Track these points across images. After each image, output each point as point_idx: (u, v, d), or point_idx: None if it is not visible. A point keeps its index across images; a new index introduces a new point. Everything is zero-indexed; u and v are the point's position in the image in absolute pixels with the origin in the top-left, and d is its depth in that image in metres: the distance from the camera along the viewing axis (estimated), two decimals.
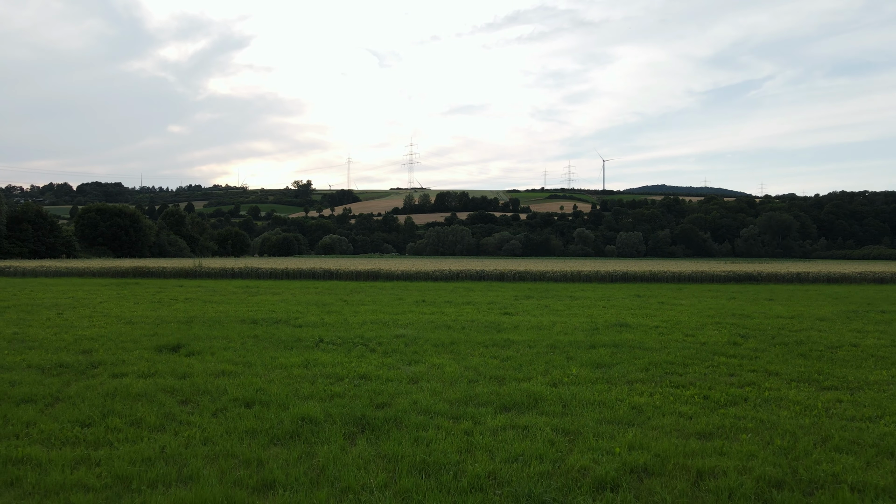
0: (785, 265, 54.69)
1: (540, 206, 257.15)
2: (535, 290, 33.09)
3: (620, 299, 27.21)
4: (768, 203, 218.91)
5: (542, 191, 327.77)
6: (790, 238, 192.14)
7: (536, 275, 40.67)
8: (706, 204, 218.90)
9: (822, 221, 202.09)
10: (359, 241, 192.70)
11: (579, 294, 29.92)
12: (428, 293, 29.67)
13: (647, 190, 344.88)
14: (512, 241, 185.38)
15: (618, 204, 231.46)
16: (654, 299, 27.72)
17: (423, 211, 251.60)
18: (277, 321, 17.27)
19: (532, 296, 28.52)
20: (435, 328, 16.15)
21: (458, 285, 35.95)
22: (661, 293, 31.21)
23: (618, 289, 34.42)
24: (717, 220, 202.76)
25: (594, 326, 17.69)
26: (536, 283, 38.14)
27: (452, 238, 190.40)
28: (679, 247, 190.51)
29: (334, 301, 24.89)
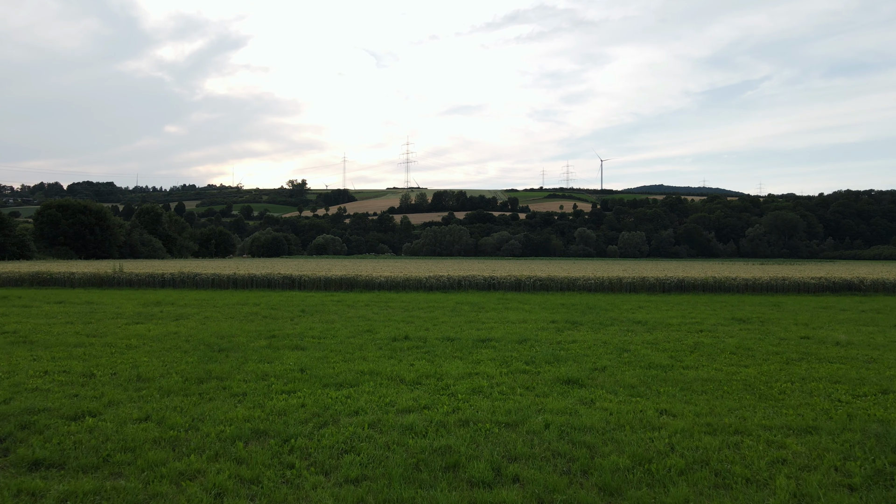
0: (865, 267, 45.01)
1: (539, 206, 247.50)
2: (573, 307, 23.43)
3: (736, 331, 17.19)
4: (772, 202, 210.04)
5: (540, 190, 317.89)
6: (797, 238, 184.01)
7: (563, 283, 30.77)
8: (709, 203, 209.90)
9: (827, 221, 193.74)
10: (353, 242, 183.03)
11: (649, 318, 20.11)
12: (417, 315, 20.03)
13: (646, 190, 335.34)
14: (511, 240, 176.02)
15: (619, 203, 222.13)
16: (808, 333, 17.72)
17: (419, 210, 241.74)
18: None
19: (578, 321, 19.00)
20: (411, 463, 6.97)
21: (460, 299, 26.06)
22: (790, 316, 21.36)
23: (697, 305, 24.47)
24: (721, 219, 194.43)
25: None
26: (566, 295, 28.20)
27: (450, 238, 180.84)
28: (683, 247, 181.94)
29: (242, 343, 14.93)
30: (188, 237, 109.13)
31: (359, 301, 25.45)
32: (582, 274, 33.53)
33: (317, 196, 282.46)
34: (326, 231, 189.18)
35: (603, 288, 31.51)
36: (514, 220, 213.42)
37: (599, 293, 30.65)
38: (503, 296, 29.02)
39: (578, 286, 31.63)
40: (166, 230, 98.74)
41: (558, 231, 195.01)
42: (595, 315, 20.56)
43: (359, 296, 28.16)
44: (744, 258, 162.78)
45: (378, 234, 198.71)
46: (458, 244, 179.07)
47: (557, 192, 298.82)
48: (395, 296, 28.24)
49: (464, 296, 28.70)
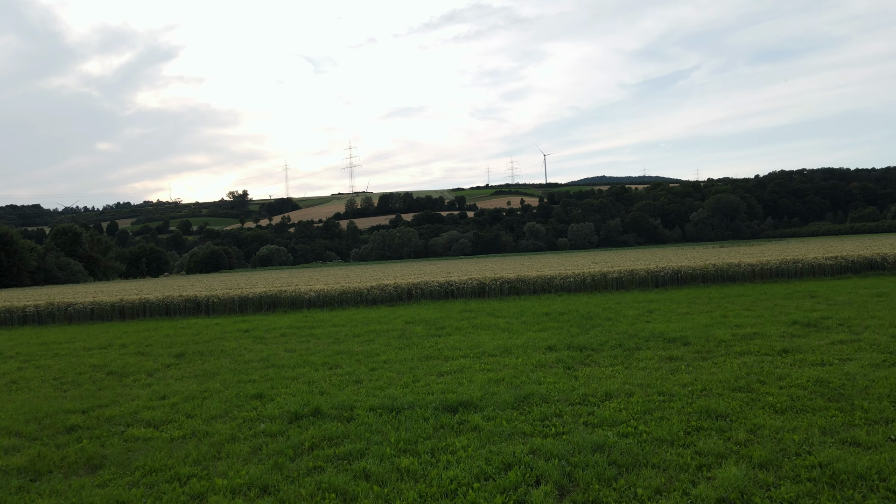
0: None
1: (486, 203, 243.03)
2: (564, 318, 17.64)
3: (826, 345, 11.32)
4: (713, 186, 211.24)
5: (486, 188, 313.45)
6: (738, 219, 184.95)
7: (537, 283, 24.80)
8: (653, 191, 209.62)
9: (765, 201, 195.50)
10: (299, 251, 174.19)
11: (677, 329, 14.52)
12: (348, 351, 13.96)
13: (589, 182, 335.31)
14: (461, 239, 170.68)
15: (565, 196, 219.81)
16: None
17: (366, 214, 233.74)
18: None
19: (586, 345, 13.35)
20: None
21: (411, 315, 19.81)
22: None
23: (722, 302, 18.91)
24: (665, 205, 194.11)
25: None
26: (544, 299, 22.18)
27: (399, 240, 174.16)
28: (631, 235, 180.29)
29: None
30: (113, 257, 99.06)
31: (276, 328, 18.71)
32: (557, 271, 27.56)
33: (260, 206, 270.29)
34: (270, 242, 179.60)
35: (585, 287, 25.60)
36: (463, 218, 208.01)
37: (583, 293, 24.72)
38: (466, 305, 22.74)
39: (555, 286, 25.62)
40: (87, 251, 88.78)
41: (507, 227, 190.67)
42: (603, 332, 14.44)
43: (280, 319, 21.41)
44: (689, 242, 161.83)
45: (324, 241, 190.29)
46: (407, 246, 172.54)
47: (504, 189, 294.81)
48: (327, 316, 21.60)
49: (416, 310, 22.28)
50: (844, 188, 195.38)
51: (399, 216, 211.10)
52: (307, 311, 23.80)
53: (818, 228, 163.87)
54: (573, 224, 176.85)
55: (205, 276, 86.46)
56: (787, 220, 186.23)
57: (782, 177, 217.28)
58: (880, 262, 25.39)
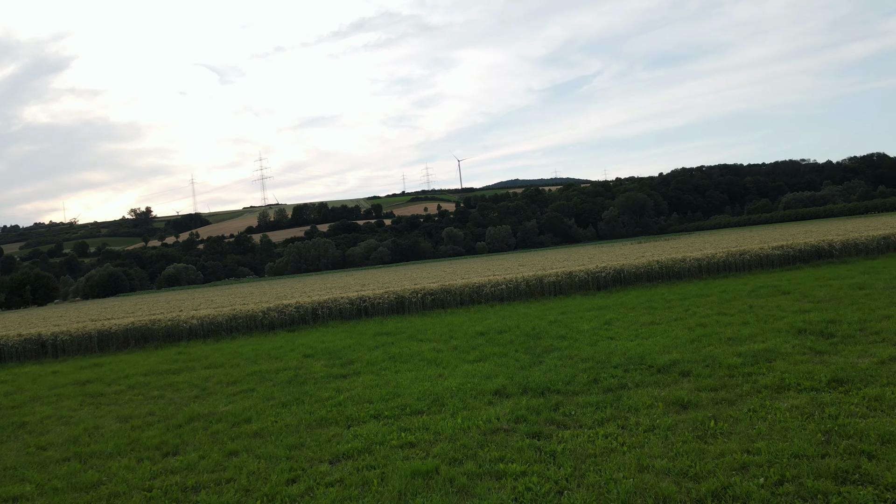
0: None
1: (403, 210, 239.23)
2: (504, 339, 14.04)
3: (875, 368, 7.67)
4: (621, 185, 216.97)
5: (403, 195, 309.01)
6: (647, 216, 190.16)
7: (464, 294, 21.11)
8: (566, 191, 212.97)
9: (670, 197, 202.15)
10: (209, 268, 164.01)
11: (659, 350, 10.88)
12: (208, 414, 9.18)
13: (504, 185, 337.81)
14: (380, 248, 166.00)
15: (481, 200, 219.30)
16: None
17: (280, 227, 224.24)
18: None
19: (547, 385, 9.39)
20: None
21: (313, 344, 15.73)
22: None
23: (680, 305, 15.67)
24: (578, 205, 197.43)
25: None
26: (474, 312, 18.42)
27: (315, 252, 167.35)
28: (548, 235, 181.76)
29: None
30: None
31: (129, 374, 13.88)
32: (486, 277, 23.89)
33: (166, 224, 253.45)
34: (178, 260, 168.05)
35: (519, 294, 22.04)
36: (381, 226, 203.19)
37: (517, 302, 21.13)
38: (382, 326, 18.60)
39: (486, 296, 21.91)
40: None
41: (426, 233, 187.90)
42: (561, 359, 10.71)
43: (144, 359, 16.51)
44: (603, 240, 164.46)
45: (237, 256, 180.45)
46: (324, 258, 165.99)
47: (420, 195, 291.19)
48: (205, 351, 16.87)
49: (321, 336, 17.92)
50: (740, 182, 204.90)
51: (314, 227, 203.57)
52: (185, 345, 18.92)
53: (719, 221, 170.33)
54: (491, 227, 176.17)
55: (98, 302, 77.75)
56: (691, 215, 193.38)
57: (684, 174, 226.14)
58: (828, 250, 23.35)
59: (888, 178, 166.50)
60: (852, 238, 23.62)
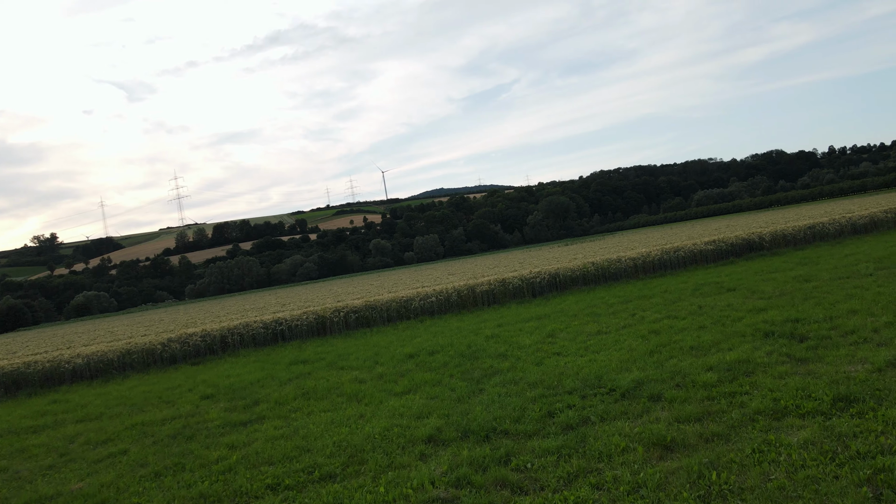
0: None
1: (329, 224, 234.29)
2: (435, 363, 12.35)
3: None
4: (544, 190, 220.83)
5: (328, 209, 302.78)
6: (570, 219, 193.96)
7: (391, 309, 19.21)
8: (490, 198, 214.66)
9: (591, 200, 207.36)
10: (123, 294, 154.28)
11: (616, 366, 9.32)
12: (62, 489, 6.46)
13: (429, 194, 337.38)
14: (306, 263, 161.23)
15: (408, 210, 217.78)
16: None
17: (200, 248, 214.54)
18: None
19: (522, 463, 6.68)
20: None
21: (219, 378, 13.41)
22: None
23: (627, 308, 14.36)
24: (503, 211, 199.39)
25: None
26: (403, 330, 16.63)
27: (238, 271, 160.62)
28: (475, 242, 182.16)
29: None
30: None
31: None
32: (415, 290, 22.01)
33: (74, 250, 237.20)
34: (88, 287, 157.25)
35: (451, 306, 20.30)
36: (306, 242, 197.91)
37: (449, 315, 19.36)
38: (299, 352, 16.37)
39: (415, 310, 20.04)
40: None
41: (353, 246, 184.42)
42: (505, 385, 8.98)
43: (6, 413, 13.61)
44: (529, 244, 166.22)
45: (154, 280, 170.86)
46: (248, 277, 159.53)
47: (346, 208, 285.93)
48: (87, 396, 14.11)
49: (227, 368, 15.52)
50: (654, 183, 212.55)
51: (237, 246, 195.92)
52: (65, 391, 16.02)
53: (638, 220, 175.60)
54: (418, 237, 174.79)
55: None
56: (612, 216, 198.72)
57: (602, 176, 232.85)
58: (758, 243, 22.94)
59: (787, 173, 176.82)
60: (780, 230, 23.32)
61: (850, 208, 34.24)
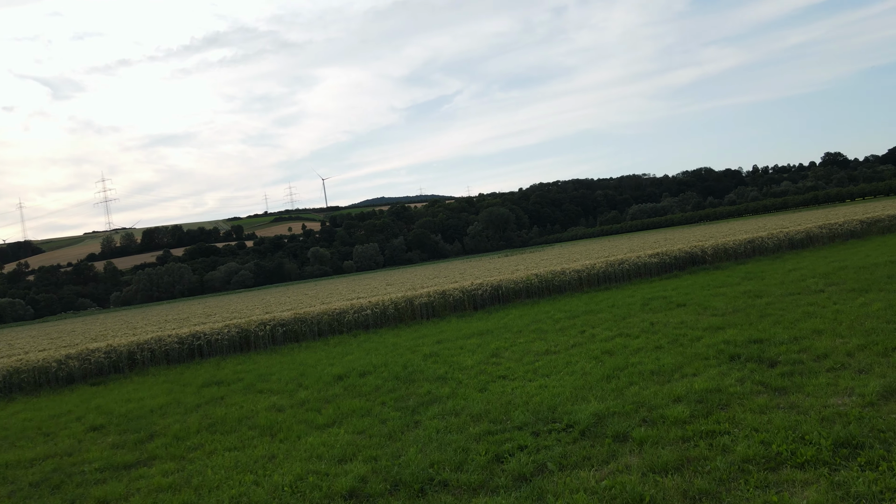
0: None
1: (267, 231, 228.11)
2: (365, 389, 10.89)
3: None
4: (484, 201, 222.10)
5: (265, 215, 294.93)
6: (509, 230, 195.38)
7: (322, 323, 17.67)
8: (431, 207, 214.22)
9: (530, 211, 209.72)
10: (41, 301, 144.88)
11: (563, 394, 7.50)
12: None
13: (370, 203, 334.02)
14: (241, 271, 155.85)
15: (347, 218, 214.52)
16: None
17: (128, 253, 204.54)
18: None
19: None
20: None
21: (116, 403, 11.65)
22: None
23: (577, 324, 13.27)
24: (444, 221, 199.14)
25: None
26: (333, 346, 15.25)
27: (169, 278, 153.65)
28: (415, 252, 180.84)
29: None
30: None
31: None
32: (349, 302, 20.44)
33: None
34: (2, 294, 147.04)
35: (387, 319, 18.87)
36: (242, 248, 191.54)
37: (385, 329, 17.92)
38: (217, 371, 14.60)
39: (348, 323, 18.51)
40: None
41: (291, 254, 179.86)
42: (444, 415, 7.65)
43: None
44: (469, 255, 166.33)
45: (76, 287, 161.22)
46: (179, 284, 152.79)
47: (284, 215, 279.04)
48: None
49: (131, 390, 13.57)
50: (592, 196, 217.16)
51: (168, 252, 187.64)
52: None
53: (576, 233, 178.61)
54: (358, 246, 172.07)
55: None
56: (550, 228, 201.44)
57: (542, 189, 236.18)
58: (701, 256, 22.61)
59: (715, 189, 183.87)
60: (722, 244, 23.06)
61: (781, 224, 34.90)
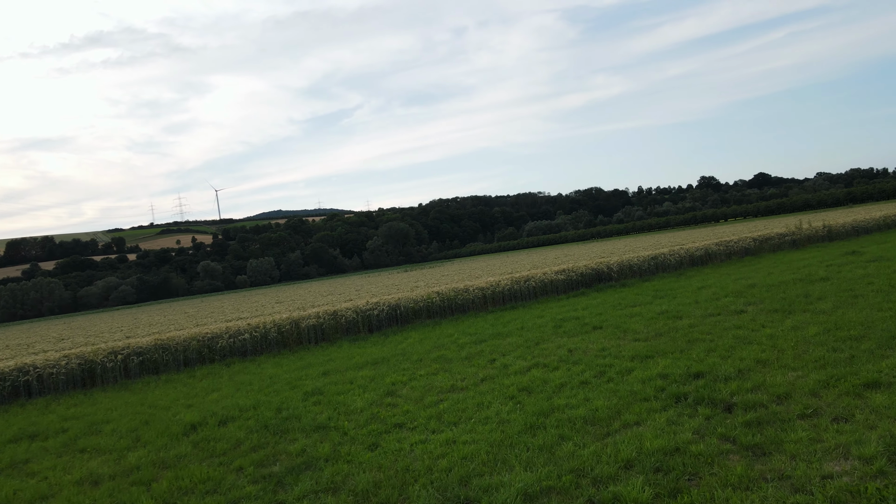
0: None
1: (152, 244, 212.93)
2: (271, 438, 7.49)
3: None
4: (384, 215, 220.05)
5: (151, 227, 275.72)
6: (409, 245, 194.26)
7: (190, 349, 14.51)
8: (330, 221, 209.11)
9: (430, 227, 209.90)
10: None
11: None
12: None
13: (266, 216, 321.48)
14: (122, 286, 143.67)
15: (242, 231, 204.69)
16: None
17: None
18: None
19: None
20: None
21: None
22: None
23: (483, 349, 11.08)
24: (343, 235, 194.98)
25: None
26: (219, 374, 12.33)
27: (36, 294, 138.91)
28: (313, 267, 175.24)
29: None
30: None
31: None
32: (225, 324, 17.49)
33: None
34: None
35: (269, 345, 16.21)
36: (123, 262, 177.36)
37: (266, 356, 15.23)
38: (40, 417, 11.43)
39: (222, 351, 15.68)
40: None
41: (179, 268, 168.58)
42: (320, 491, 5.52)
43: None
44: (368, 270, 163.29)
45: None
46: (49, 300, 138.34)
47: (172, 227, 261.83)
48: None
49: None
50: (489, 213, 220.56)
51: (36, 265, 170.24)
52: None
53: (475, 248, 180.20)
54: (252, 260, 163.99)
55: None
56: (450, 243, 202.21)
57: (441, 205, 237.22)
58: (607, 273, 21.70)
59: (604, 208, 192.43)
60: (627, 260, 22.29)
61: (664, 241, 35.39)
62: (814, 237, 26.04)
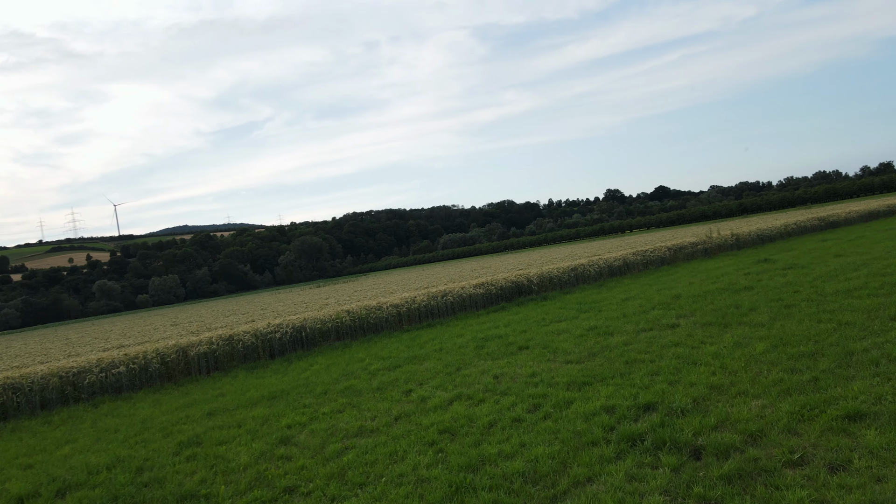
0: None
1: (41, 262, 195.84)
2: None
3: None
4: (297, 230, 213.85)
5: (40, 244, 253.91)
6: (323, 259, 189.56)
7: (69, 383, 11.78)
8: (240, 236, 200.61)
9: (344, 241, 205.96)
10: None
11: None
12: None
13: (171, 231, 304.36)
14: (5, 309, 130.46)
15: (143, 248, 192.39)
16: None
17: None
18: None
19: None
20: None
21: None
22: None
23: (402, 380, 9.32)
24: (253, 251, 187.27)
25: None
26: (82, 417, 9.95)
27: None
28: (221, 283, 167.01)
29: None
30: None
31: None
32: (98, 355, 14.84)
33: None
34: None
35: (151, 378, 13.82)
36: (7, 283, 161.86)
37: (146, 391, 12.86)
38: None
39: (90, 388, 13.15)
40: None
41: (72, 288, 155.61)
42: None
43: None
44: (281, 286, 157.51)
45: None
46: None
47: (64, 244, 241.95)
48: None
49: None
50: (404, 226, 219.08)
51: None
52: None
53: (390, 262, 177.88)
54: (155, 278, 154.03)
55: None
56: (364, 257, 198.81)
57: (355, 218, 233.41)
58: (527, 286, 20.67)
59: (517, 220, 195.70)
60: (547, 272, 21.40)
61: (591, 251, 35.31)
62: (723, 245, 26.34)
